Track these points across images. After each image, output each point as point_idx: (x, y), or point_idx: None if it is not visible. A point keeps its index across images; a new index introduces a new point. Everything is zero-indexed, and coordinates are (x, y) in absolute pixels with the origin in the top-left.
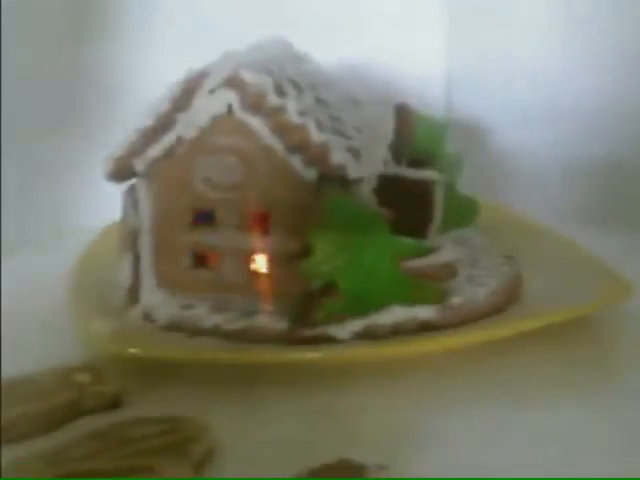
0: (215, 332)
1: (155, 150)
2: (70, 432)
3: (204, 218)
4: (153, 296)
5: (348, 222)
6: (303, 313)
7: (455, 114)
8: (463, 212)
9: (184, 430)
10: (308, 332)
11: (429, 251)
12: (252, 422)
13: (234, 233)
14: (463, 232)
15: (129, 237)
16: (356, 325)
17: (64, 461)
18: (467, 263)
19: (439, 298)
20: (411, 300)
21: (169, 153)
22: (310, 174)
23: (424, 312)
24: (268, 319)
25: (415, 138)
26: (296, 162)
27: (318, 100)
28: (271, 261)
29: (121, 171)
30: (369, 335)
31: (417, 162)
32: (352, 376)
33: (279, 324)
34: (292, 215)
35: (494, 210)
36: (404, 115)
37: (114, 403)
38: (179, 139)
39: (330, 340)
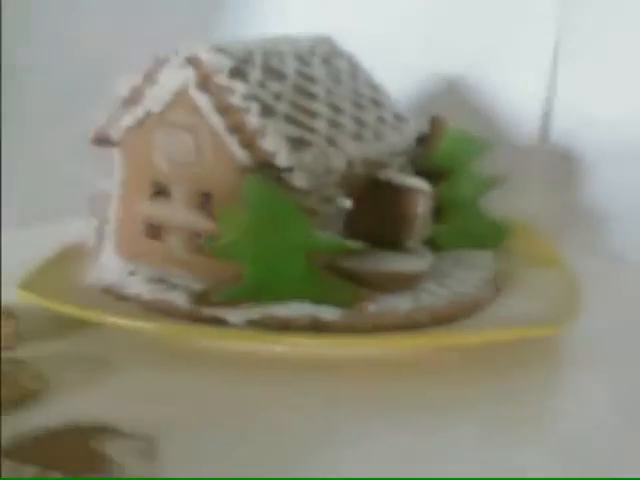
0: (135, 300)
1: (127, 121)
2: None
3: (162, 192)
4: (109, 259)
5: (265, 209)
6: (204, 293)
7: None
8: (485, 233)
9: (11, 374)
10: (204, 312)
11: (351, 251)
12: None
13: (183, 210)
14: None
15: (100, 201)
16: (253, 313)
17: None
18: (434, 279)
19: (354, 302)
20: (321, 298)
21: (139, 125)
22: (244, 157)
23: (327, 313)
24: (179, 295)
25: (439, 149)
26: (233, 144)
27: (300, 91)
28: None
29: (102, 137)
30: (264, 325)
31: (433, 173)
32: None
33: (184, 301)
34: (232, 198)
35: (529, 236)
36: (435, 126)
37: (7, 345)
38: (147, 112)
39: (223, 323)
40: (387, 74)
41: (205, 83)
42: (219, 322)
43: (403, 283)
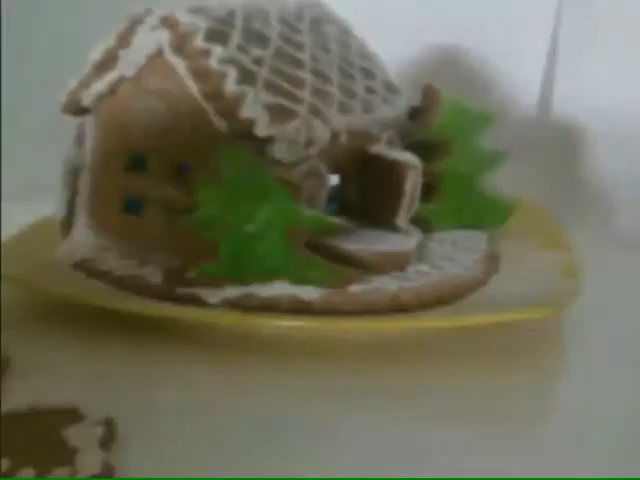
0: (105, 276)
1: (100, 86)
2: None
3: (138, 163)
4: (81, 234)
5: (242, 182)
6: (179, 270)
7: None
8: (485, 212)
9: None
10: (180, 291)
11: (333, 228)
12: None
13: (160, 182)
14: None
15: (71, 172)
16: (231, 292)
17: None
18: (427, 260)
19: (336, 282)
20: (301, 278)
21: (113, 91)
22: (221, 125)
23: (308, 293)
24: (154, 272)
25: (436, 122)
26: (210, 111)
27: (284, 57)
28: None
29: (73, 104)
30: (242, 305)
31: (428, 147)
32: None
33: (159, 278)
34: (210, 170)
35: (531, 215)
36: (428, 96)
37: None
38: (121, 77)
39: (201, 303)
40: (382, 43)
41: (181, 46)
42: (196, 301)
43: (389, 263)
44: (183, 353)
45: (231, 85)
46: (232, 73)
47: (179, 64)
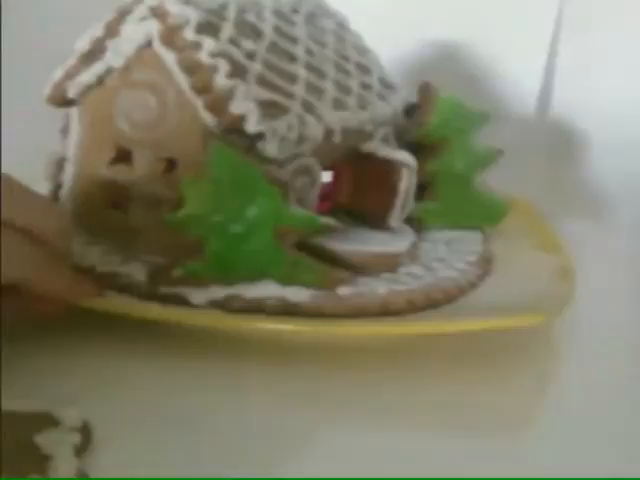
0: (89, 271)
1: (87, 77)
2: None
3: (124, 157)
4: None
5: (229, 179)
6: (164, 269)
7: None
8: (480, 212)
9: None
10: (164, 290)
11: (323, 229)
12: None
13: (146, 177)
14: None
15: (55, 164)
16: (217, 293)
17: None
18: (419, 261)
19: (325, 283)
20: (289, 279)
21: (99, 82)
22: (210, 120)
23: (297, 295)
24: (138, 269)
25: (431, 120)
26: (199, 106)
27: (278, 51)
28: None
29: (58, 95)
30: (228, 306)
31: (423, 145)
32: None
33: (143, 276)
34: (197, 166)
35: (526, 216)
36: (424, 94)
37: None
38: (108, 68)
39: (185, 303)
40: (379, 39)
41: (170, 37)
42: (180, 301)
43: (381, 264)
44: (165, 355)
45: (221, 79)
46: (223, 67)
47: (168, 56)
